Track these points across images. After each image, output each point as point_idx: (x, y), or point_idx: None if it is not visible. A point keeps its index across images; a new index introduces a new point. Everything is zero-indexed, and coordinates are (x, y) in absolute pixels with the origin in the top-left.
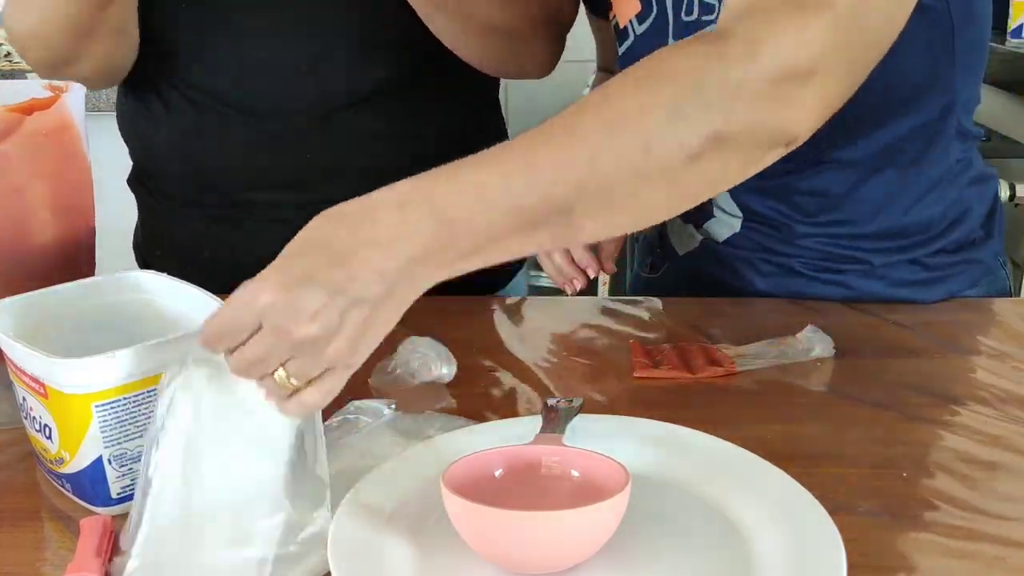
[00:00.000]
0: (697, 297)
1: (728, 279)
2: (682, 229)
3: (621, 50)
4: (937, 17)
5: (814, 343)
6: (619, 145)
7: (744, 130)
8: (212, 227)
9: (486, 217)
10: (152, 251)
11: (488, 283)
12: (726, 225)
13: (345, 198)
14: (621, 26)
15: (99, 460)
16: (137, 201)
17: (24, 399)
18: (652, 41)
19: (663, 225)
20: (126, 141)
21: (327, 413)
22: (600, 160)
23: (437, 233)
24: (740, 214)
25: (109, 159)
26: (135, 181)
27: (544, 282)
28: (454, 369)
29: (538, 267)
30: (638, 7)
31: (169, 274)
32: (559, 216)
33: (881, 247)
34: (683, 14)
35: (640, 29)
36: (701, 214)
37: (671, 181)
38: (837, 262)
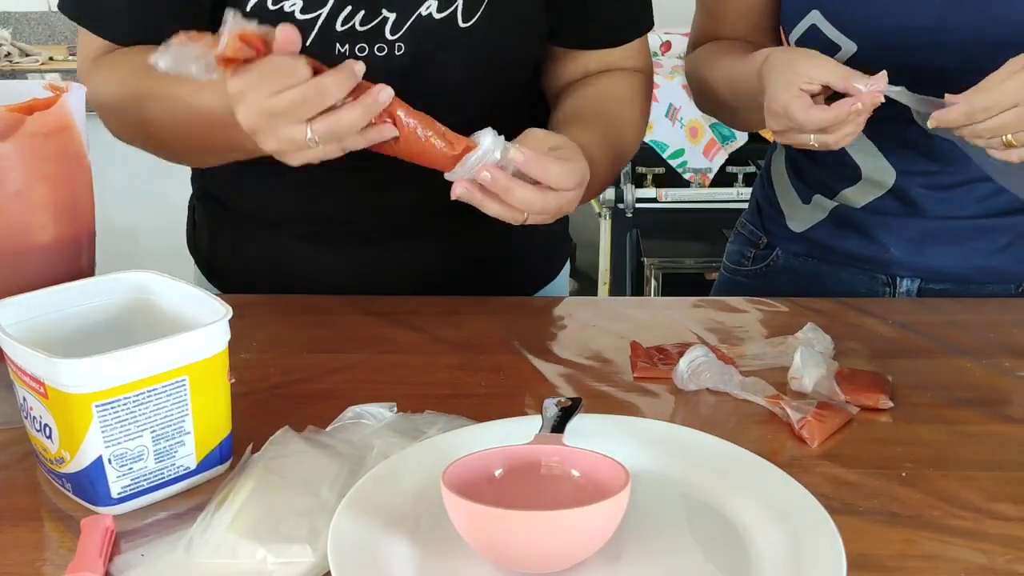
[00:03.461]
0: (796, 289)
1: (856, 248)
2: (803, 203)
3: None
4: None
5: (814, 343)
6: None
7: None
8: (301, 245)
9: None
10: (221, 259)
11: (523, 283)
12: (872, 189)
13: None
14: None
15: (99, 460)
16: (205, 214)
17: (24, 399)
18: None
19: (768, 208)
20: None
21: (327, 418)
22: None
23: None
24: (893, 169)
25: (109, 159)
26: (209, 199)
27: None
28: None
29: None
30: None
31: (239, 282)
32: None
33: None
34: None
35: None
36: (843, 179)
37: None
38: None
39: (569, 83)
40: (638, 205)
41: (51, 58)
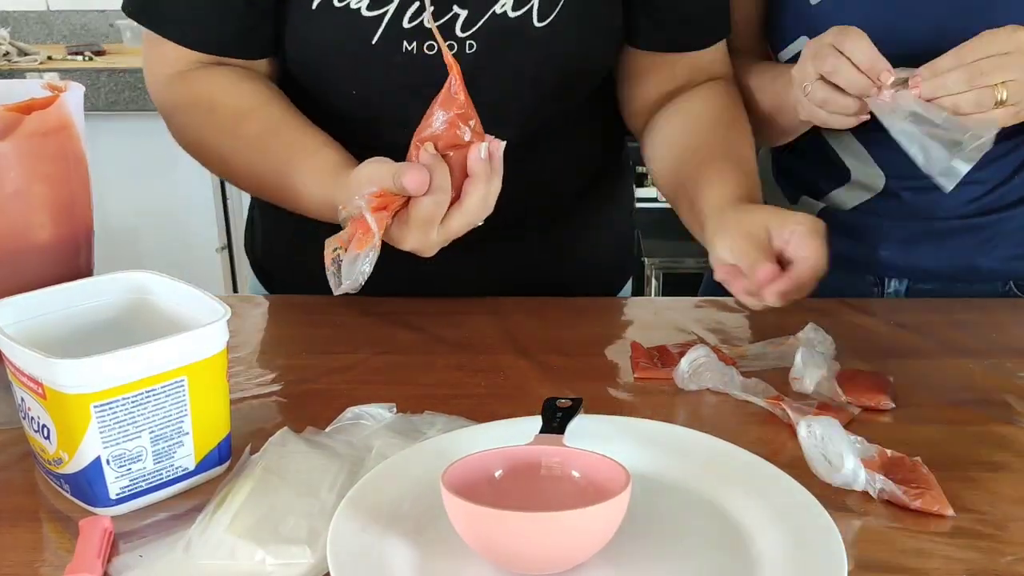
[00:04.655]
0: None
1: (845, 249)
2: (790, 204)
3: None
4: None
5: (814, 343)
6: None
7: None
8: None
9: None
10: (277, 260)
11: (604, 284)
12: (861, 191)
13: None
14: None
15: (98, 460)
16: (263, 215)
17: (23, 399)
18: None
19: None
20: None
21: (327, 418)
22: None
23: None
24: (883, 174)
25: (108, 159)
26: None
27: None
28: None
29: None
30: None
31: (293, 285)
32: None
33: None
34: None
35: None
36: (830, 182)
37: None
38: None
39: (656, 100)
40: (638, 205)
41: (49, 57)
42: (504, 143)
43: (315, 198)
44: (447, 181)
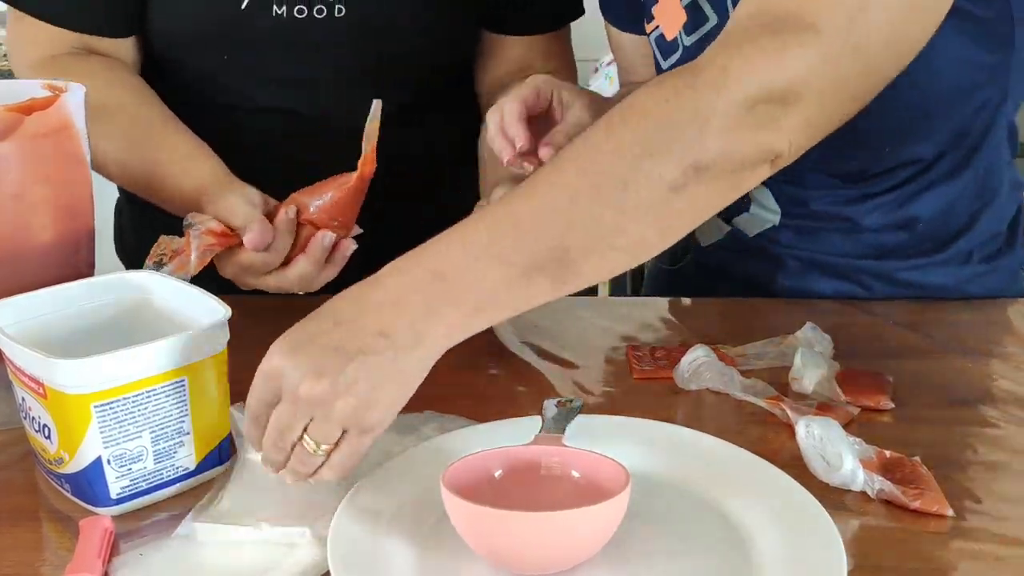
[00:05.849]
0: (713, 291)
1: (748, 272)
2: (710, 221)
3: (669, 63)
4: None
5: (813, 343)
6: (597, 186)
7: (721, 156)
8: None
9: (475, 270)
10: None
11: None
12: (760, 221)
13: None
14: (668, 39)
15: (98, 460)
16: (132, 218)
17: (23, 399)
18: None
19: None
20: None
21: None
22: (580, 203)
23: (432, 289)
24: (778, 209)
25: None
26: (140, 200)
27: None
28: None
29: None
30: (683, 17)
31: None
32: (554, 262)
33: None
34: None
35: (689, 40)
36: (734, 208)
37: (657, 214)
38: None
39: (492, 85)
40: None
41: None
42: (355, 246)
43: (184, 204)
44: (285, 248)
